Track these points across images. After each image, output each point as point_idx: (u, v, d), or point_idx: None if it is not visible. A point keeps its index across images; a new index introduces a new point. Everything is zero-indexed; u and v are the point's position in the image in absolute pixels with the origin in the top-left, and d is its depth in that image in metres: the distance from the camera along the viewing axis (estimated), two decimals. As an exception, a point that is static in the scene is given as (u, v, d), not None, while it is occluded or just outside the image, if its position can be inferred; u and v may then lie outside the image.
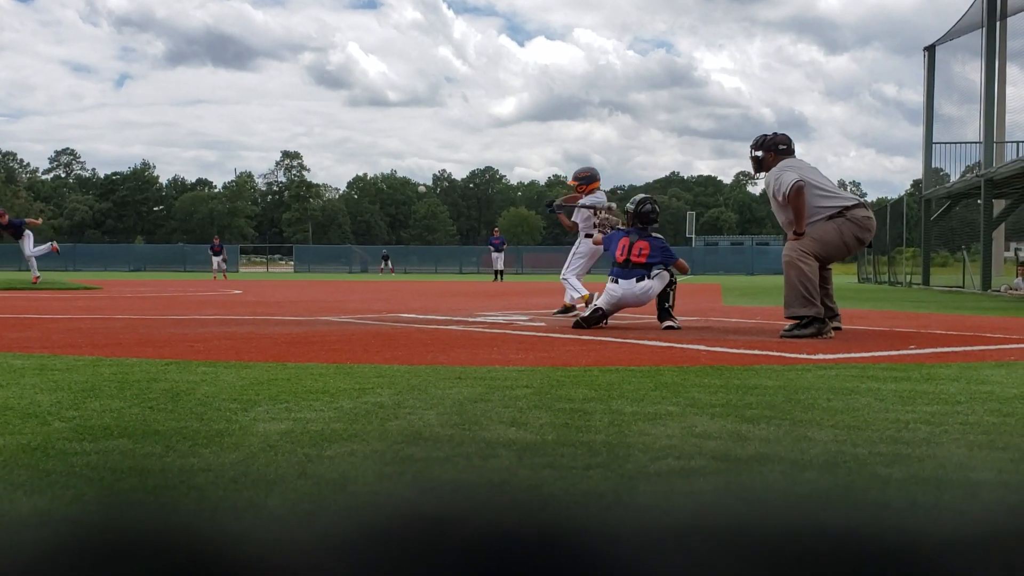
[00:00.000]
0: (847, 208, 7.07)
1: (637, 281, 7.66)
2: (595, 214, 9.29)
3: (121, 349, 5.47)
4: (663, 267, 7.78)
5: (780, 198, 7.01)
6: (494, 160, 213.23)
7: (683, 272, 8.22)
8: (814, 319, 6.74)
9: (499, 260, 36.10)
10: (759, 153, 7.38)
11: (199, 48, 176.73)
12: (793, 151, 7.41)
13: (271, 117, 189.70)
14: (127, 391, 3.66)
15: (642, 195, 8.25)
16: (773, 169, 7.23)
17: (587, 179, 9.89)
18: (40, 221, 25.99)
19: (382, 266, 58.47)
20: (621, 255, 7.81)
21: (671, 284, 7.76)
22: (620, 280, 7.70)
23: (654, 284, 7.70)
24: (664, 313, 7.66)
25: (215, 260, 41.97)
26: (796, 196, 6.93)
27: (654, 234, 7.95)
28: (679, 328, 7.46)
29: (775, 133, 7.47)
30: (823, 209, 7.07)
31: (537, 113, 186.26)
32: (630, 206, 8.13)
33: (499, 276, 35.20)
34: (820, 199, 7.11)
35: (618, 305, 7.78)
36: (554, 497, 2.06)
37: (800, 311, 6.81)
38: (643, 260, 7.70)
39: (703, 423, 3.00)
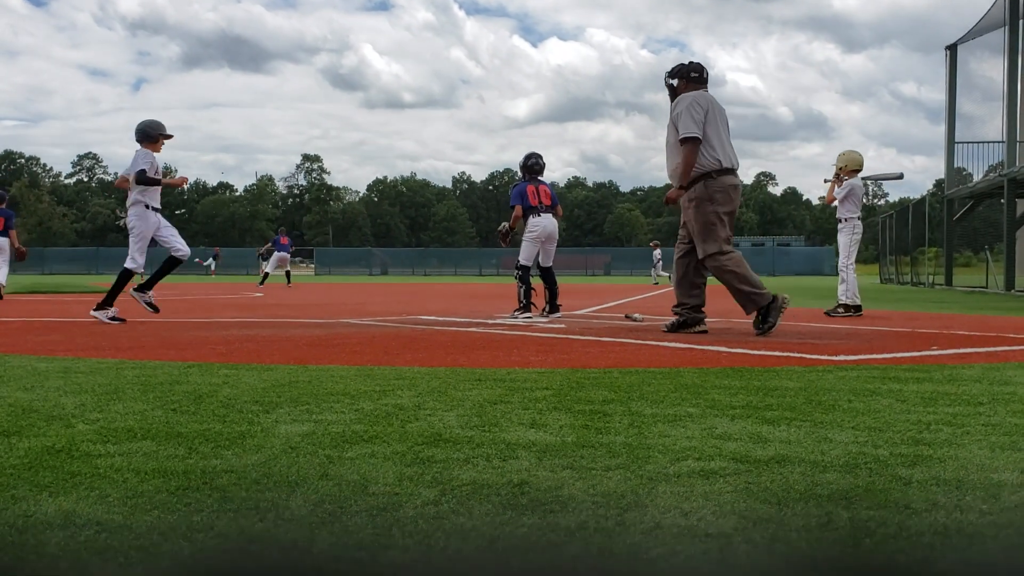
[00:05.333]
0: (717, 171, 7.08)
1: (553, 216, 9.64)
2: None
3: (144, 352, 5.52)
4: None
5: (677, 135, 7.14)
6: (511, 162, 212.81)
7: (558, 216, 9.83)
8: (767, 304, 6.87)
9: (283, 261, 26.32)
10: (673, 81, 7.43)
11: (214, 51, 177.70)
12: (705, 81, 7.37)
13: (287, 120, 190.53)
14: (150, 393, 3.69)
15: (529, 151, 9.97)
16: (683, 96, 7.22)
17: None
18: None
19: (211, 265, 56.21)
20: (535, 199, 9.59)
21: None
22: (543, 215, 9.56)
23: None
24: (554, 305, 9.47)
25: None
26: (689, 151, 7.05)
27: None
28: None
29: (690, 62, 7.47)
30: (703, 162, 7.11)
31: (553, 114, 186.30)
32: (520, 161, 9.95)
33: (270, 278, 26.02)
34: (704, 152, 7.11)
35: (546, 236, 9.56)
36: (573, 498, 2.06)
37: (753, 307, 7.00)
38: (549, 202, 9.66)
39: (723, 424, 3.00)
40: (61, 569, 1.62)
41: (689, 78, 7.33)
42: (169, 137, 8.71)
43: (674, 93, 7.39)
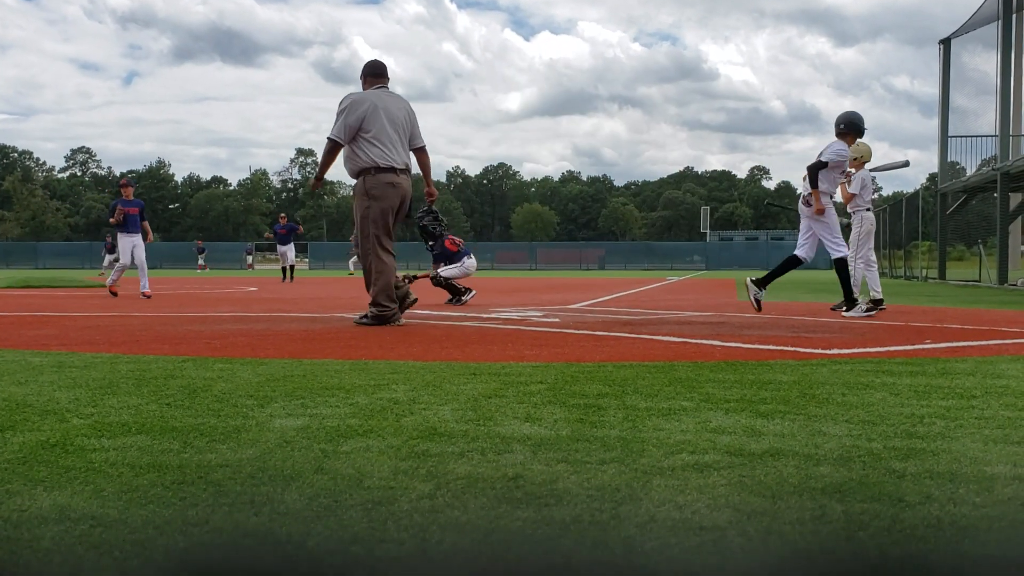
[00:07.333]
0: (375, 169, 7.37)
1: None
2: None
3: (138, 346, 5.51)
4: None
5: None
6: (504, 156, 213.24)
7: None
8: (385, 316, 7.38)
9: (288, 254, 25.35)
10: (361, 79, 7.78)
11: (205, 44, 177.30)
12: (381, 76, 7.69)
13: (279, 114, 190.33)
14: (144, 388, 3.69)
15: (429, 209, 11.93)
16: (348, 95, 7.52)
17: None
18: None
19: (200, 262, 54.43)
20: (454, 246, 11.94)
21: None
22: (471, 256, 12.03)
23: None
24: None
25: (108, 258, 41.65)
26: (328, 150, 7.48)
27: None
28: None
29: (374, 60, 7.83)
30: (361, 160, 7.40)
31: (545, 108, 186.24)
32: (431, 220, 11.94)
33: (288, 273, 25.26)
34: (364, 151, 7.39)
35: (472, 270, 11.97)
36: (568, 492, 2.07)
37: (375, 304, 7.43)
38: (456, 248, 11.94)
39: (717, 418, 3.01)
40: (56, 564, 1.62)
41: (367, 76, 7.72)
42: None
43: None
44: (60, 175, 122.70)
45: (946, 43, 26.54)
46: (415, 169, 7.95)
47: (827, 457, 2.42)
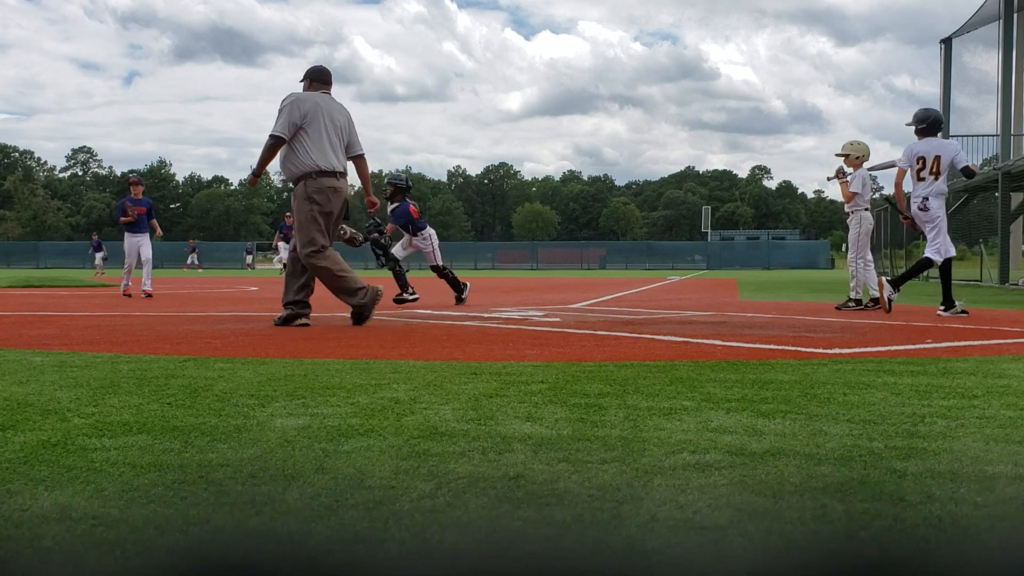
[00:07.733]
0: (317, 173, 7.34)
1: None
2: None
3: (139, 346, 5.51)
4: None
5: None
6: (504, 155, 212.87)
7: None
8: (361, 304, 7.38)
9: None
10: (302, 82, 7.77)
11: (206, 44, 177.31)
12: (326, 83, 7.69)
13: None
14: (145, 387, 3.69)
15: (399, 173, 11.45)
16: (291, 94, 7.50)
17: None
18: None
19: (188, 261, 54.01)
20: (417, 213, 11.49)
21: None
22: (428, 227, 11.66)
23: None
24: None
25: (97, 257, 41.31)
26: (268, 147, 7.44)
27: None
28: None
29: (319, 66, 7.85)
30: (301, 163, 7.37)
31: (546, 107, 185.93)
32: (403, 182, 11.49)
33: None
34: (305, 152, 7.36)
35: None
36: (569, 491, 2.07)
37: (347, 298, 7.42)
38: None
39: (718, 418, 3.01)
40: (57, 563, 1.62)
41: (311, 80, 7.70)
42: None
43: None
44: (61, 175, 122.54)
45: (947, 42, 26.54)
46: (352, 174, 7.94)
47: (828, 457, 2.42)
